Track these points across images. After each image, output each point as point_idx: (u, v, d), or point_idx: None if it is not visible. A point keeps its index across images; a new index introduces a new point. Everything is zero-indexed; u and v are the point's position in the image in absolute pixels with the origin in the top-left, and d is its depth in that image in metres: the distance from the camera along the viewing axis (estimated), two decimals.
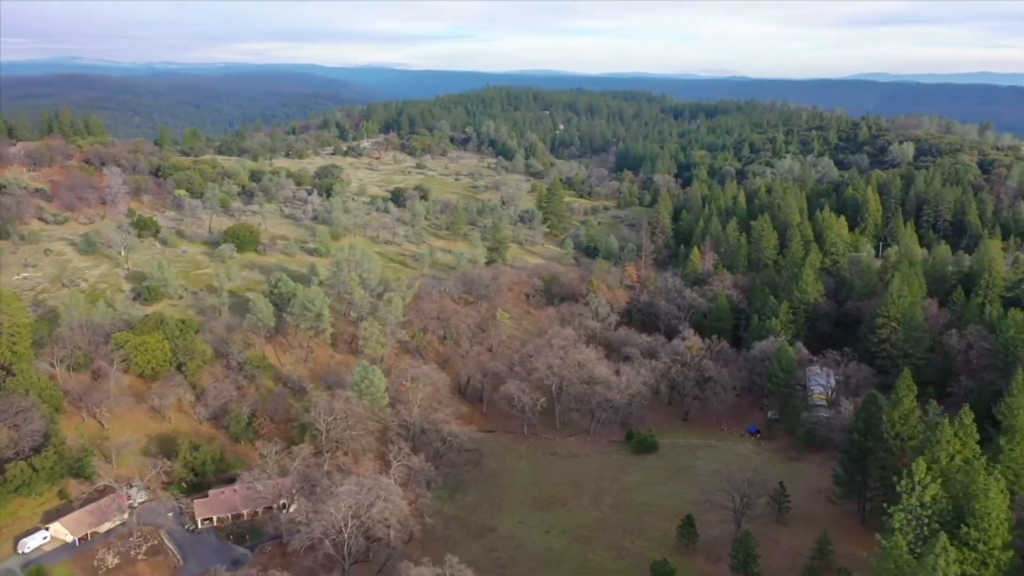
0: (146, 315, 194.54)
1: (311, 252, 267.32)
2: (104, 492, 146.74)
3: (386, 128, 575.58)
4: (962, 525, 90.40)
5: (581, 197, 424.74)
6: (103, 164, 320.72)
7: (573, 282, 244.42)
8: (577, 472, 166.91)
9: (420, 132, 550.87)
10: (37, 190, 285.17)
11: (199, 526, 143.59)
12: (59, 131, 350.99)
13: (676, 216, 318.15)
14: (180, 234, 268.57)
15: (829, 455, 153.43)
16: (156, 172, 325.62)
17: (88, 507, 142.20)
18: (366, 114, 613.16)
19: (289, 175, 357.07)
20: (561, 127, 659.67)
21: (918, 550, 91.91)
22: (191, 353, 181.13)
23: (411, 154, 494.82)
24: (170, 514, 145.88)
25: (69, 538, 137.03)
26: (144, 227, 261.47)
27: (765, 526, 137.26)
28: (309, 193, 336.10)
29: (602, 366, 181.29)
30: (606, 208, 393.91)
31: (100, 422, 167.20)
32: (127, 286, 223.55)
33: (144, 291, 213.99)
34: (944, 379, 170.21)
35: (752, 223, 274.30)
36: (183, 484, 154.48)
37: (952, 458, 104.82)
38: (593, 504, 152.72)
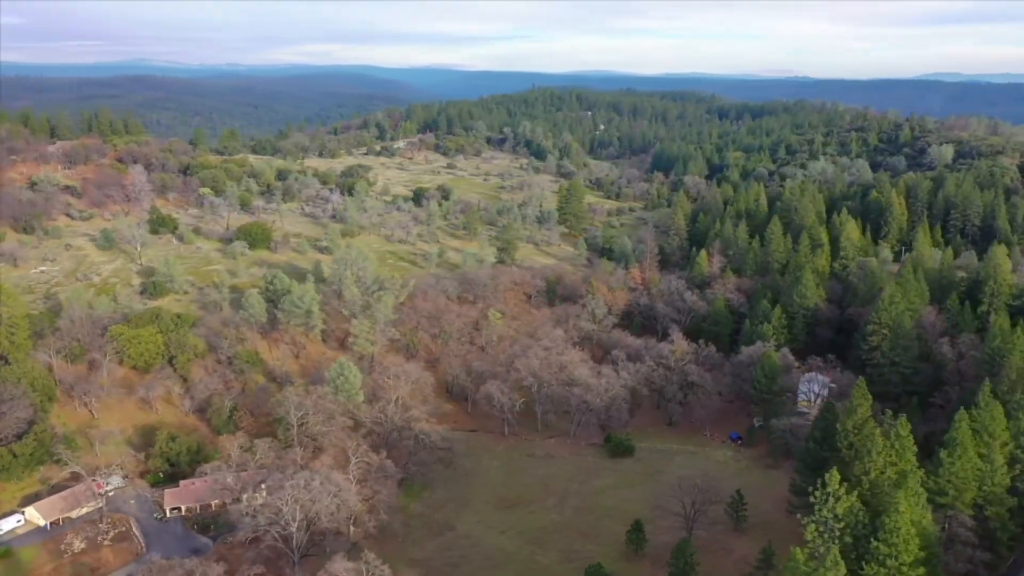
0: (146, 309, 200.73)
1: (322, 250, 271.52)
2: (102, 477, 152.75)
3: (425, 128, 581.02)
4: (871, 539, 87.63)
5: (609, 198, 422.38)
6: (135, 162, 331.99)
7: (576, 283, 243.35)
8: (549, 474, 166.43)
9: (457, 132, 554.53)
10: (67, 187, 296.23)
11: (167, 515, 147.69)
12: (97, 131, 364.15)
13: (695, 218, 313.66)
14: (197, 231, 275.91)
15: None
16: (185, 171, 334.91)
17: (62, 493, 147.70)
18: (406, 114, 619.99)
19: (315, 174, 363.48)
20: (601, 127, 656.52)
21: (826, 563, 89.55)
22: (183, 347, 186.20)
23: (444, 154, 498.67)
24: (139, 502, 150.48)
25: (42, 522, 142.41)
26: (162, 224, 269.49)
27: (721, 534, 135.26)
28: (332, 192, 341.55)
29: (583, 368, 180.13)
30: (631, 210, 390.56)
31: (91, 411, 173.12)
32: (137, 281, 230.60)
33: (150, 286, 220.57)
34: (934, 389, 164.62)
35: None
36: (160, 474, 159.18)
37: (883, 470, 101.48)
38: (557, 506, 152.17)
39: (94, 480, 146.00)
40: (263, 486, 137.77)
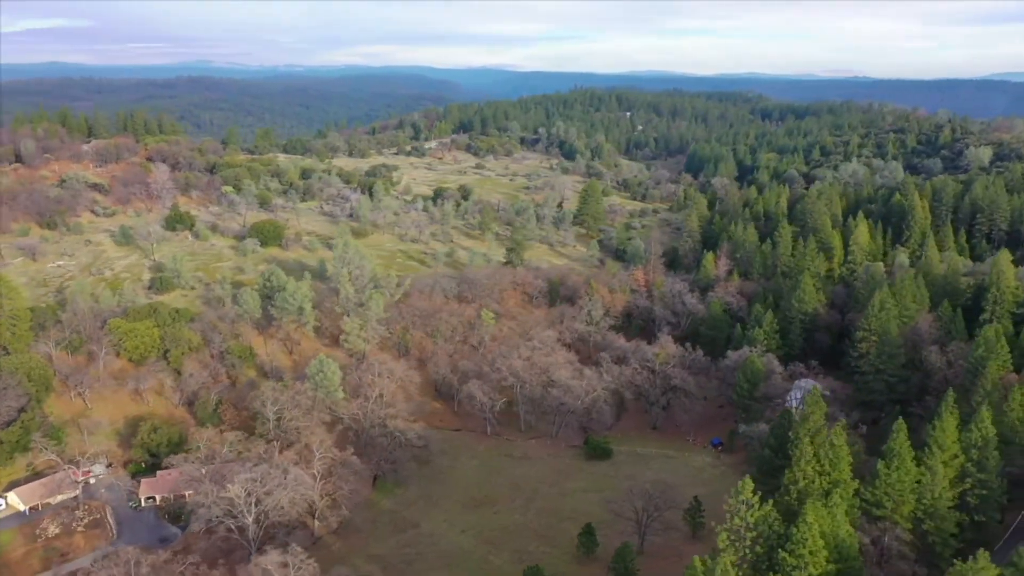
0: (144, 304, 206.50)
1: (332, 248, 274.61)
2: (78, 466, 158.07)
3: (460, 129, 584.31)
4: (779, 549, 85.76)
5: (635, 200, 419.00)
6: (163, 161, 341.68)
7: (578, 284, 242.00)
8: (522, 475, 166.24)
9: (490, 133, 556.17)
10: (95, 185, 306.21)
11: (142, 504, 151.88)
12: (131, 130, 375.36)
13: (712, 220, 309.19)
14: (214, 228, 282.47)
15: None
16: (211, 169, 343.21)
17: (42, 479, 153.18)
18: (442, 115, 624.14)
19: (339, 174, 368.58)
20: (639, 128, 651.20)
21: (742, 572, 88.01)
22: (177, 341, 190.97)
23: (475, 154, 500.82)
24: (118, 491, 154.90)
25: (22, 507, 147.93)
26: (179, 221, 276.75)
27: (677, 540, 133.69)
28: (354, 191, 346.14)
29: (564, 370, 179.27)
30: (655, 211, 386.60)
31: (85, 402, 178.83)
32: (147, 276, 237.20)
33: (157, 281, 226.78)
34: (920, 398, 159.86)
35: (793, 229, 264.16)
36: (142, 464, 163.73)
37: (813, 480, 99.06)
38: (522, 507, 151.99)
39: (72, 467, 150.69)
40: (213, 479, 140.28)
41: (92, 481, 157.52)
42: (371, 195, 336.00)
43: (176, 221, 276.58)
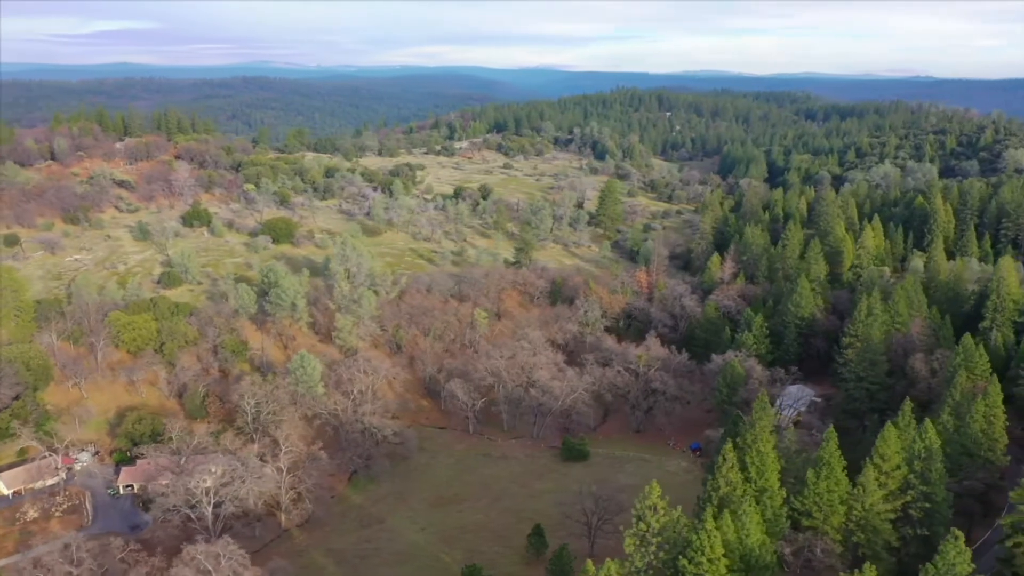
0: (144, 298, 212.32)
1: (333, 246, 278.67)
2: (57, 453, 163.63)
3: (495, 129, 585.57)
4: (680, 556, 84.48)
5: (661, 201, 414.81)
6: (191, 159, 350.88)
7: (579, 285, 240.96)
8: (495, 474, 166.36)
9: (524, 133, 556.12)
10: (121, 182, 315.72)
11: (121, 492, 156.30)
12: (164, 129, 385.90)
13: (727, 222, 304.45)
14: (230, 225, 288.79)
15: None
16: (237, 168, 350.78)
17: (27, 465, 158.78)
18: (478, 115, 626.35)
19: (362, 173, 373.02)
20: (678, 129, 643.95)
21: None
22: (172, 334, 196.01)
23: (505, 154, 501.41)
24: (100, 478, 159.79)
25: (6, 491, 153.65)
26: (197, 218, 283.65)
27: None
28: (373, 190, 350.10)
29: (546, 371, 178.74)
30: (679, 212, 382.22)
31: (81, 391, 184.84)
32: (158, 271, 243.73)
33: (165, 276, 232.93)
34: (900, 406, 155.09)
35: (808, 231, 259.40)
36: (126, 453, 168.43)
37: (735, 487, 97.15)
38: (487, 507, 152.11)
39: (51, 454, 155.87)
40: (176, 470, 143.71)
41: (77, 468, 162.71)
42: (390, 193, 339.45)
43: (194, 218, 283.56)
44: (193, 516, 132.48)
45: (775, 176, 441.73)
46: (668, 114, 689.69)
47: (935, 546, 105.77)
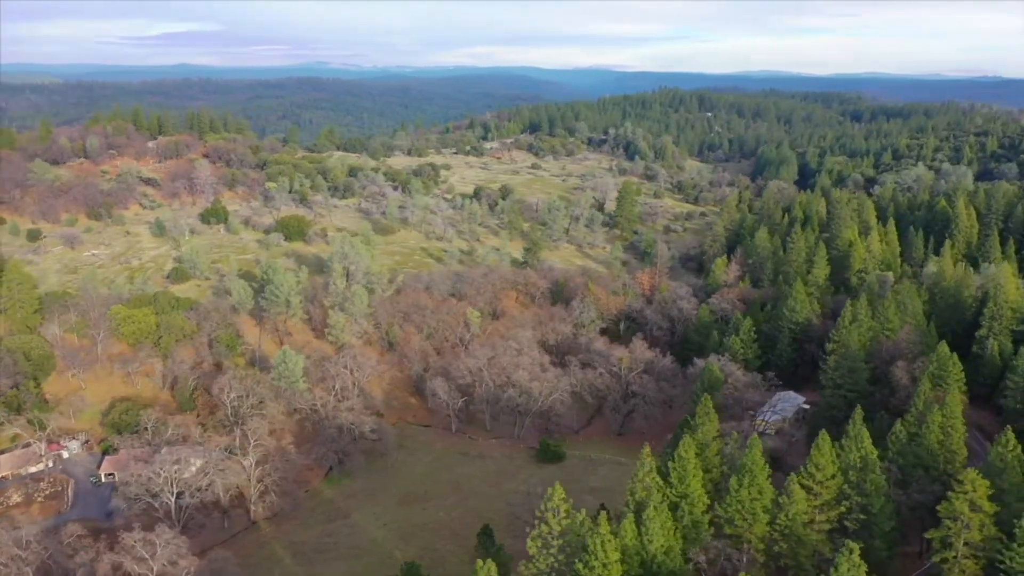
0: (153, 292, 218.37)
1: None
2: (51, 440, 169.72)
3: (529, 129, 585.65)
4: (576, 560, 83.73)
5: (688, 202, 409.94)
6: (219, 158, 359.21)
7: (579, 286, 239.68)
8: (469, 473, 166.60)
9: (557, 133, 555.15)
10: (148, 180, 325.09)
11: (103, 479, 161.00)
12: (196, 128, 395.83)
13: (743, 224, 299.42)
14: (247, 222, 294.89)
15: None
16: (262, 167, 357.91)
17: (16, 451, 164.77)
18: (512, 115, 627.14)
19: (385, 173, 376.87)
20: (717, 130, 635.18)
21: None
22: (170, 327, 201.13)
23: (536, 154, 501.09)
24: (86, 467, 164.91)
25: None
26: (214, 215, 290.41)
27: None
28: (394, 189, 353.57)
29: (525, 371, 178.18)
30: (703, 214, 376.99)
31: (80, 382, 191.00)
32: (170, 266, 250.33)
33: (173, 272, 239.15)
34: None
35: (824, 235, 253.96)
36: (111, 443, 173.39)
37: (651, 492, 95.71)
38: (453, 505, 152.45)
39: (35, 442, 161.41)
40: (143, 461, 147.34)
41: (65, 456, 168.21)
42: (409, 193, 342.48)
43: (211, 215, 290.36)
44: (156, 505, 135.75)
45: (807, 178, 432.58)
46: (709, 115, 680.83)
47: (872, 559, 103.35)
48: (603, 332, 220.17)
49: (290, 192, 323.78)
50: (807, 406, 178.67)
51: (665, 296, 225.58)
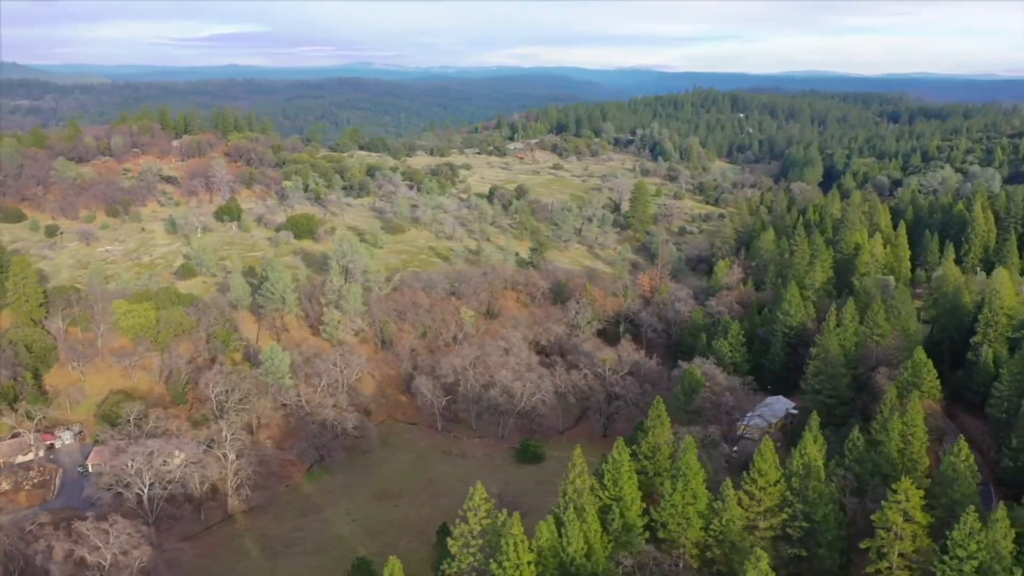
0: (157, 288, 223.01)
1: (364, 242, 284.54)
2: (46, 430, 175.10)
3: (555, 129, 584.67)
4: (491, 560, 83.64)
5: (708, 203, 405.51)
6: (239, 157, 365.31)
7: (580, 287, 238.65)
8: (446, 472, 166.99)
9: (583, 134, 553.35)
10: (168, 178, 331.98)
11: (89, 469, 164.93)
12: (221, 127, 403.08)
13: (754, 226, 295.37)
14: (260, 220, 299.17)
15: None
16: (281, 165, 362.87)
17: (9, 440, 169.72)
18: (539, 115, 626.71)
19: (404, 172, 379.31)
20: (749, 130, 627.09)
21: None
22: (168, 322, 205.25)
23: (559, 155, 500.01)
24: (77, 457, 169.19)
25: None
26: (227, 213, 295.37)
27: None
28: (410, 189, 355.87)
29: (507, 371, 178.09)
30: (722, 216, 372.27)
31: (81, 374, 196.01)
32: (179, 263, 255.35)
33: (181, 268, 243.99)
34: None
35: (835, 238, 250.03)
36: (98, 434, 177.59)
37: (582, 494, 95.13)
38: (424, 503, 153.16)
39: (23, 432, 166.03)
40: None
41: (57, 446, 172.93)
42: (426, 192, 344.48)
43: (224, 213, 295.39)
44: (128, 495, 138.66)
45: (833, 180, 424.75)
46: (741, 115, 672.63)
47: (818, 568, 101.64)
48: (601, 333, 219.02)
49: (305, 191, 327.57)
50: (796, 411, 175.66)
51: (664, 298, 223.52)
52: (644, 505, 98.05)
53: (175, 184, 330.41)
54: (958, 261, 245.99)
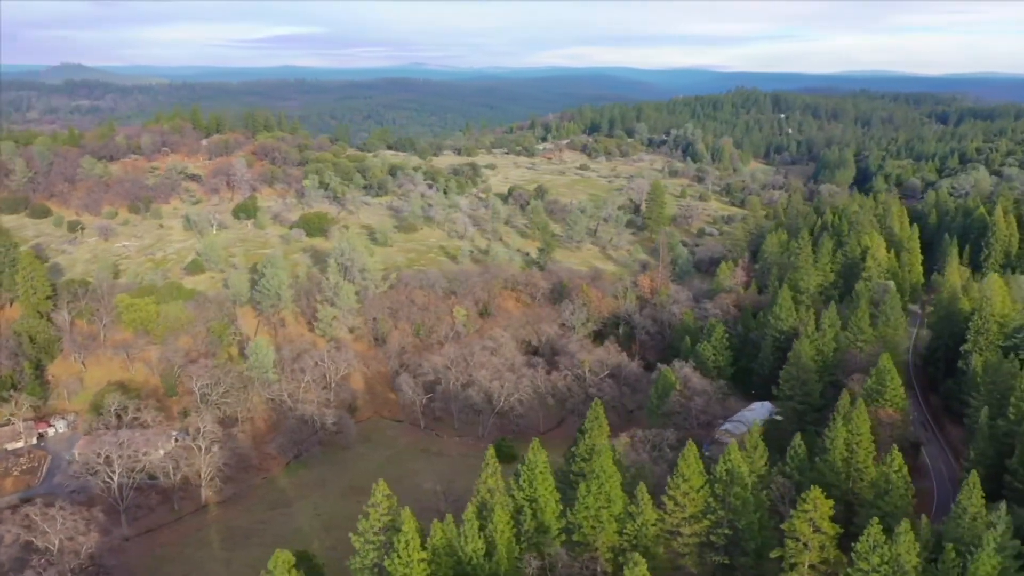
0: (163, 283, 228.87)
1: (375, 240, 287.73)
2: (41, 418, 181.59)
3: (589, 130, 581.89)
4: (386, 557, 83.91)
5: (735, 205, 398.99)
6: (265, 155, 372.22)
7: (578, 288, 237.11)
8: (417, 470, 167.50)
9: (616, 134, 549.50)
10: (192, 176, 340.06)
11: (76, 458, 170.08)
12: (250, 127, 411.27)
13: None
14: (275, 218, 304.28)
15: None
16: (304, 164, 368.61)
17: (2, 427, 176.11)
18: (573, 116, 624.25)
19: (426, 172, 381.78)
20: (788, 131, 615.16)
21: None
22: (167, 316, 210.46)
23: (589, 155, 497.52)
24: (67, 445, 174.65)
25: None
26: (244, 211, 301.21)
27: None
28: (431, 188, 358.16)
29: (486, 371, 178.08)
30: (744, 218, 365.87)
31: (83, 365, 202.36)
32: (191, 259, 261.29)
33: (190, 264, 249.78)
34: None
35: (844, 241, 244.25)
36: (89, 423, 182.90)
37: (493, 494, 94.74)
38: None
39: (14, 420, 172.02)
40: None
41: (51, 434, 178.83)
42: (444, 192, 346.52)
43: (241, 210, 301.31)
44: (97, 483, 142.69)
45: (866, 181, 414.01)
46: (781, 116, 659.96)
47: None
48: (598, 335, 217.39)
49: (325, 189, 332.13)
50: (779, 417, 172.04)
51: (662, 300, 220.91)
52: (563, 508, 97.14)
53: (199, 182, 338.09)
54: (978, 267, 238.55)
